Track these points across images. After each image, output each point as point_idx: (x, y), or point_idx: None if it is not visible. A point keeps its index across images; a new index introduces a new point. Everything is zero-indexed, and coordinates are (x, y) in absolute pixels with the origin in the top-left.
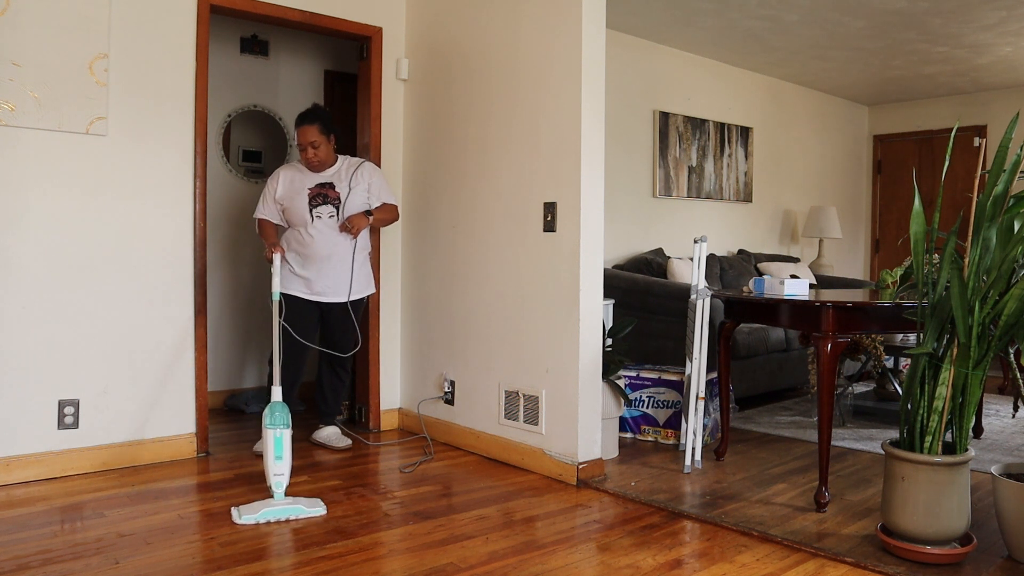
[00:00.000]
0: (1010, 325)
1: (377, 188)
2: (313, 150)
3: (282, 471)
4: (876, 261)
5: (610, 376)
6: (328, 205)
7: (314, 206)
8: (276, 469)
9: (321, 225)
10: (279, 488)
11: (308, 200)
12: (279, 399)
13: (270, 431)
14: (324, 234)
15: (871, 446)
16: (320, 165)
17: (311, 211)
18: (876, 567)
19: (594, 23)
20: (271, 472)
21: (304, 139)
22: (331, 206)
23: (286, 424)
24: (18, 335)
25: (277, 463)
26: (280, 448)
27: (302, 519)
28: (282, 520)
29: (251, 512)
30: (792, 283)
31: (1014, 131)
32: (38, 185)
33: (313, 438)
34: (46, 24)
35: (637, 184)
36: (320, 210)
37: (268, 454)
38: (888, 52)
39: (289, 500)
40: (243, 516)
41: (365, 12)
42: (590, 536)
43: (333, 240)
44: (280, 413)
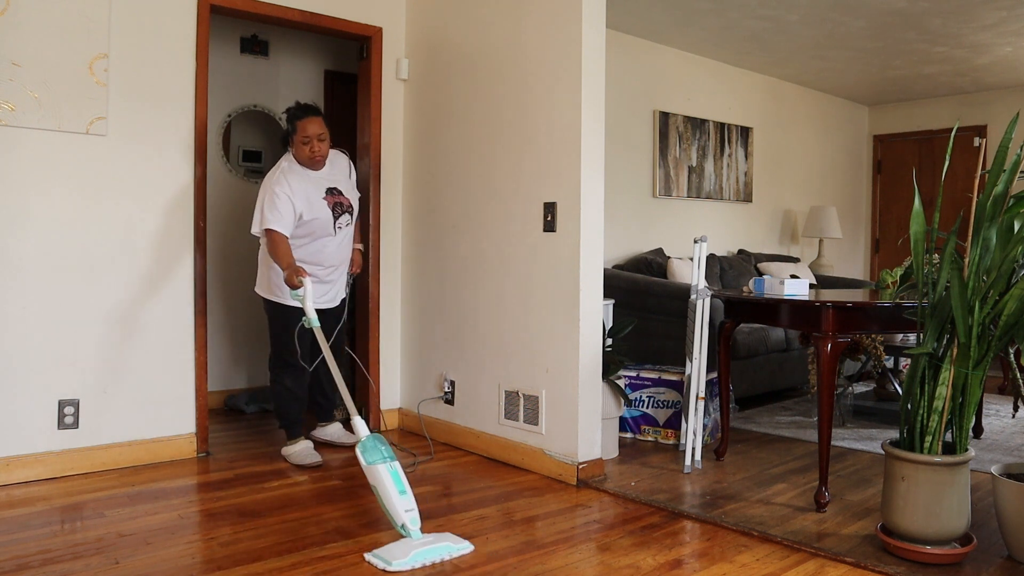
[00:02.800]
0: (1010, 325)
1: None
2: (319, 143)
3: (412, 506)
4: (876, 261)
5: (610, 376)
6: (346, 215)
7: (336, 216)
8: (406, 505)
9: (341, 236)
10: (415, 525)
11: (331, 210)
12: (366, 432)
13: (380, 466)
14: (341, 244)
15: (871, 446)
16: (322, 159)
17: (335, 223)
18: (876, 567)
19: (594, 23)
20: (401, 509)
21: (312, 131)
22: (348, 215)
23: (392, 456)
24: (18, 335)
25: (403, 498)
26: (400, 481)
27: (454, 558)
28: (436, 561)
29: (401, 558)
30: (792, 283)
31: (1014, 131)
32: (38, 185)
33: (316, 436)
34: (46, 24)
35: (637, 184)
36: (341, 220)
37: (390, 490)
38: (888, 52)
39: (432, 538)
40: (394, 563)
41: (365, 12)
42: (590, 536)
43: (346, 248)
44: (383, 445)
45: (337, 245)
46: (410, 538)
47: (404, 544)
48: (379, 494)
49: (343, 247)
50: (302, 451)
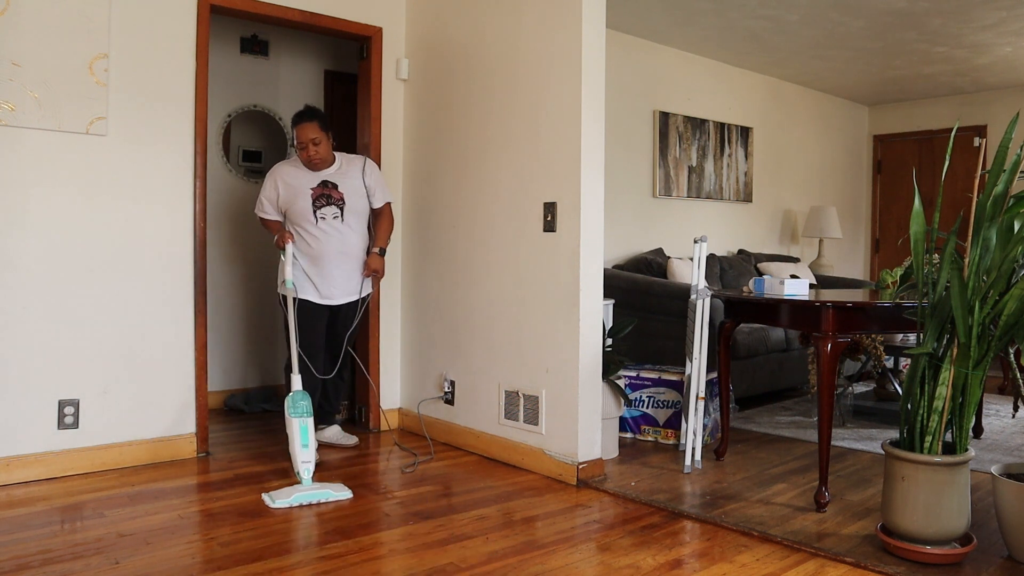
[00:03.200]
0: (1010, 325)
1: (379, 189)
2: (314, 147)
3: (309, 458)
4: (876, 261)
5: (610, 376)
6: (332, 206)
7: (318, 207)
8: (304, 456)
9: (326, 226)
10: (307, 474)
11: (312, 201)
12: (299, 387)
13: (295, 419)
14: (330, 235)
15: (871, 446)
16: (321, 163)
17: (315, 212)
18: (876, 567)
19: (594, 23)
20: (299, 459)
21: (305, 136)
22: (335, 207)
23: (309, 412)
24: (18, 335)
25: (304, 450)
26: (306, 436)
27: (331, 502)
28: (313, 503)
29: (283, 497)
30: (792, 283)
31: (1014, 131)
32: (38, 185)
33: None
34: (46, 24)
35: (637, 184)
36: (324, 211)
37: (295, 441)
38: (888, 52)
39: (317, 485)
40: (276, 501)
41: (365, 12)
42: (590, 536)
43: (341, 240)
44: (303, 402)
45: (325, 236)
46: (300, 484)
47: (292, 488)
48: (290, 442)
49: (330, 240)
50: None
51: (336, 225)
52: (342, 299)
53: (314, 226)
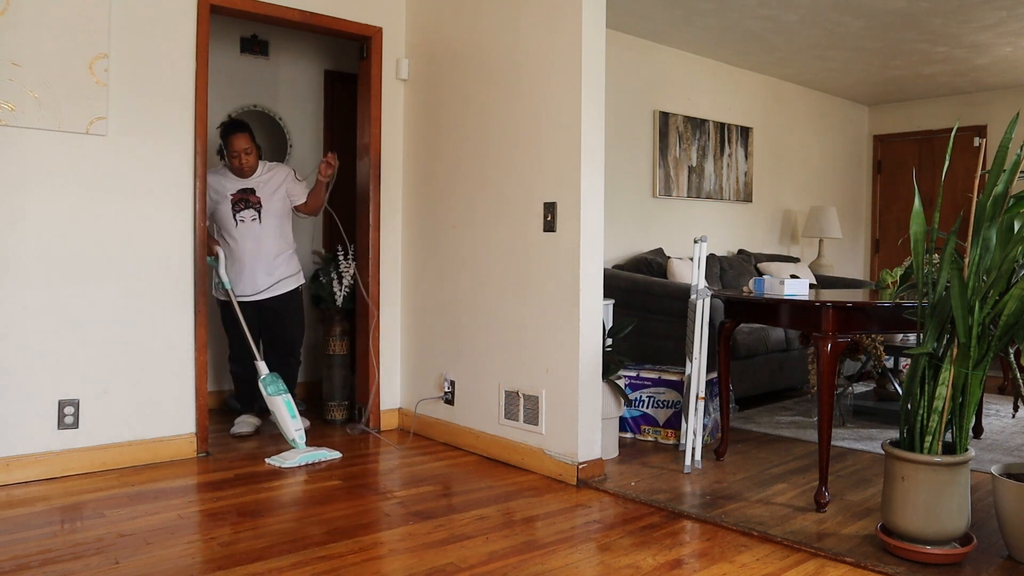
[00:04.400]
0: (1010, 325)
1: (296, 188)
2: (246, 156)
3: (299, 426)
4: (876, 261)
5: (610, 376)
6: (250, 209)
7: (237, 210)
8: (295, 425)
9: (244, 228)
10: (302, 440)
11: (231, 205)
12: (267, 372)
13: (277, 397)
14: (246, 236)
15: (871, 446)
16: (250, 170)
17: (234, 215)
18: (876, 567)
19: (594, 23)
20: (292, 428)
21: (239, 146)
22: (253, 210)
23: (286, 389)
24: (18, 335)
25: (294, 420)
26: (292, 408)
27: (326, 461)
28: (315, 463)
29: (291, 458)
30: (792, 283)
31: (1014, 131)
32: (38, 185)
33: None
34: (46, 24)
35: (637, 184)
36: (243, 214)
37: (283, 415)
38: (888, 52)
39: (312, 448)
40: (287, 462)
41: (365, 12)
42: (590, 536)
43: (255, 241)
44: (277, 382)
45: (241, 237)
46: (298, 448)
47: (294, 451)
48: (276, 418)
49: (248, 240)
50: (238, 422)
51: (254, 227)
52: (260, 295)
53: (234, 229)
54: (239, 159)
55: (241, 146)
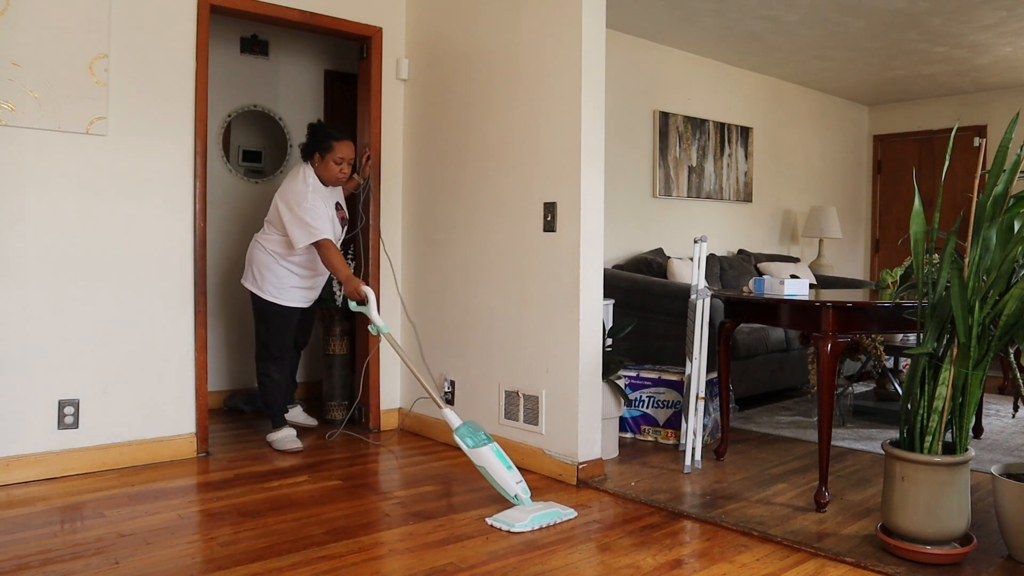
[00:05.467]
0: (1010, 325)
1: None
2: (349, 167)
3: (520, 478)
4: (876, 261)
5: (610, 376)
6: (345, 227)
7: (342, 229)
8: (516, 478)
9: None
10: (526, 494)
11: (341, 225)
12: (459, 422)
13: (485, 447)
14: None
15: (871, 446)
16: (342, 183)
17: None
18: (876, 567)
19: (594, 23)
20: (511, 482)
21: (347, 154)
22: (344, 227)
23: (490, 438)
24: (18, 335)
25: (511, 472)
26: (505, 458)
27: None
28: (549, 525)
29: (521, 521)
30: (792, 283)
31: (1014, 131)
32: (38, 185)
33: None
34: (46, 24)
35: (637, 184)
36: (342, 233)
37: (497, 468)
38: (888, 52)
39: (542, 504)
40: (516, 525)
41: (365, 12)
42: (590, 536)
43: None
44: (479, 431)
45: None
46: (523, 505)
47: (520, 510)
48: (487, 473)
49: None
50: (285, 437)
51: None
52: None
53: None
54: (341, 166)
55: (350, 154)
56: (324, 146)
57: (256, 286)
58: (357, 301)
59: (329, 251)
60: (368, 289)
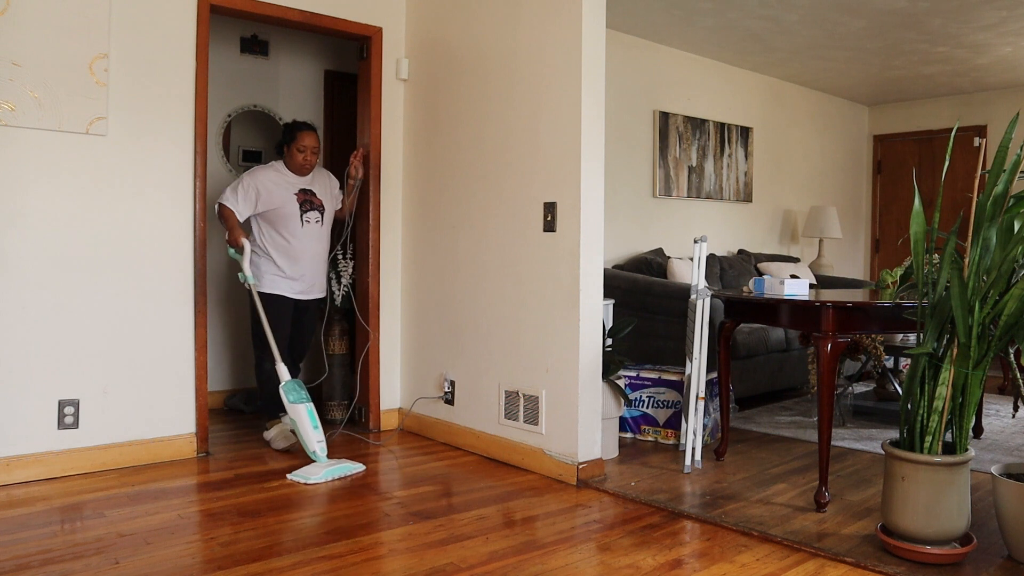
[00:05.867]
0: (1010, 325)
1: (339, 193)
2: (312, 155)
3: (321, 437)
4: (876, 261)
5: (610, 376)
6: (315, 211)
7: (304, 211)
8: (317, 436)
9: (309, 229)
10: (323, 452)
11: (299, 205)
12: (289, 377)
13: (299, 405)
14: (310, 237)
15: (871, 446)
16: (309, 169)
17: (302, 216)
18: (876, 567)
19: (594, 23)
20: (313, 439)
21: (310, 143)
22: (317, 212)
23: (308, 398)
24: (18, 335)
25: (316, 431)
26: (314, 418)
27: (351, 475)
28: (341, 477)
29: (316, 473)
30: (792, 283)
31: (1014, 131)
32: (38, 185)
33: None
34: (46, 24)
35: (637, 184)
36: (309, 215)
37: (305, 424)
38: (888, 52)
39: (335, 461)
40: (311, 478)
41: (365, 12)
42: (590, 536)
43: (318, 243)
44: (300, 389)
45: (305, 239)
46: (320, 461)
47: (316, 465)
48: (296, 427)
49: (311, 242)
50: (277, 435)
51: (317, 229)
52: (310, 295)
53: (299, 229)
54: (306, 155)
55: (311, 143)
56: (289, 137)
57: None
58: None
59: (221, 213)
60: (245, 241)
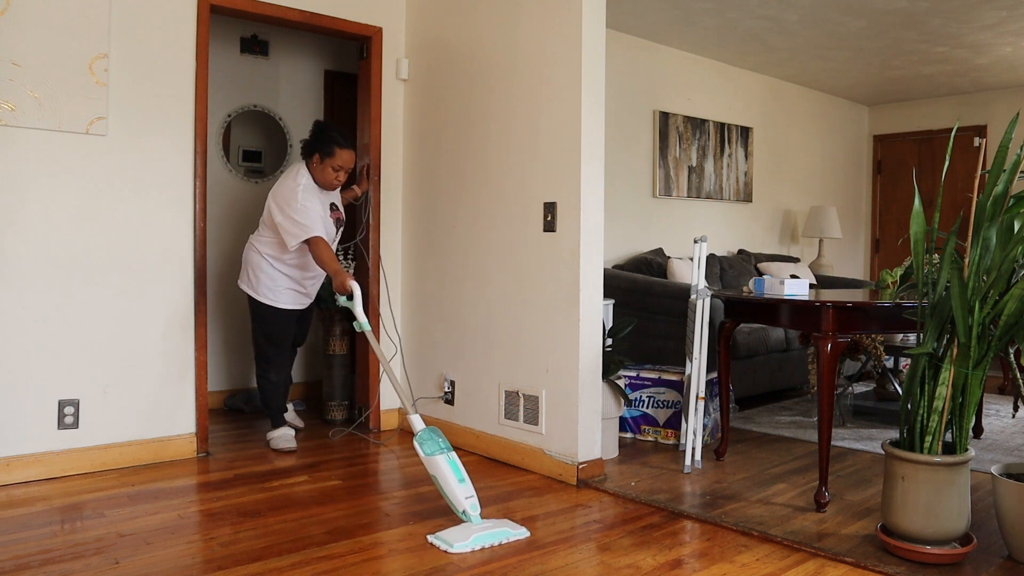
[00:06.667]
0: (1010, 325)
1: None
2: (345, 175)
3: (471, 492)
4: (876, 261)
5: (610, 376)
6: (340, 229)
7: (336, 230)
8: (466, 492)
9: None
10: (475, 511)
11: (334, 225)
12: (422, 425)
13: (438, 456)
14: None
15: (871, 446)
16: (336, 187)
17: (335, 236)
18: (876, 567)
19: (594, 23)
20: (461, 496)
21: (346, 162)
22: (340, 228)
23: (450, 447)
24: (18, 335)
25: (463, 486)
26: (458, 470)
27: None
28: (494, 545)
29: (463, 541)
30: (792, 283)
31: (1014, 131)
32: (38, 185)
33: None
34: (46, 24)
35: (637, 184)
36: (336, 234)
37: (449, 479)
38: (888, 52)
39: (491, 522)
40: (455, 545)
41: (365, 12)
42: (590, 536)
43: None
44: (439, 438)
45: None
46: (470, 523)
47: (465, 528)
48: (439, 483)
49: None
50: (280, 436)
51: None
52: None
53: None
54: (339, 174)
55: (349, 163)
56: (326, 150)
57: (251, 288)
58: (344, 296)
59: (319, 247)
60: (355, 284)
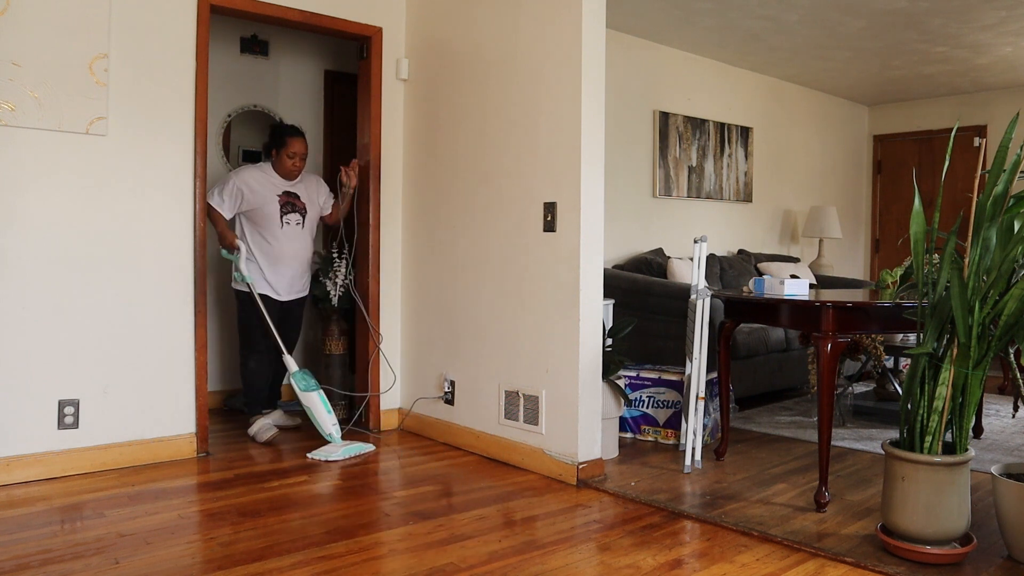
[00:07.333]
0: (1010, 325)
1: (327, 199)
2: (301, 161)
3: (335, 420)
4: (876, 261)
5: (610, 376)
6: (296, 214)
7: (284, 212)
8: (332, 420)
9: (288, 231)
10: (339, 433)
11: (280, 206)
12: (296, 368)
13: (312, 392)
14: (291, 239)
15: (871, 446)
16: (297, 174)
17: (282, 217)
18: (876, 567)
19: (594, 23)
20: (328, 423)
21: (299, 149)
22: (299, 215)
23: (319, 385)
24: (18, 335)
25: (330, 415)
26: (326, 402)
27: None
28: (356, 456)
29: (335, 452)
30: (792, 283)
31: (1014, 131)
32: (38, 185)
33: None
34: (46, 24)
35: (637, 184)
36: (289, 217)
37: (319, 409)
38: (888, 52)
39: (348, 442)
40: (331, 455)
41: (365, 12)
42: (590, 536)
43: (298, 245)
44: (310, 378)
45: (285, 240)
46: (336, 442)
47: (334, 446)
48: (311, 412)
49: (291, 243)
50: (260, 429)
51: (297, 231)
52: (292, 295)
53: (279, 230)
54: (295, 161)
55: (301, 150)
56: (280, 141)
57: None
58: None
59: (211, 216)
60: (240, 242)
